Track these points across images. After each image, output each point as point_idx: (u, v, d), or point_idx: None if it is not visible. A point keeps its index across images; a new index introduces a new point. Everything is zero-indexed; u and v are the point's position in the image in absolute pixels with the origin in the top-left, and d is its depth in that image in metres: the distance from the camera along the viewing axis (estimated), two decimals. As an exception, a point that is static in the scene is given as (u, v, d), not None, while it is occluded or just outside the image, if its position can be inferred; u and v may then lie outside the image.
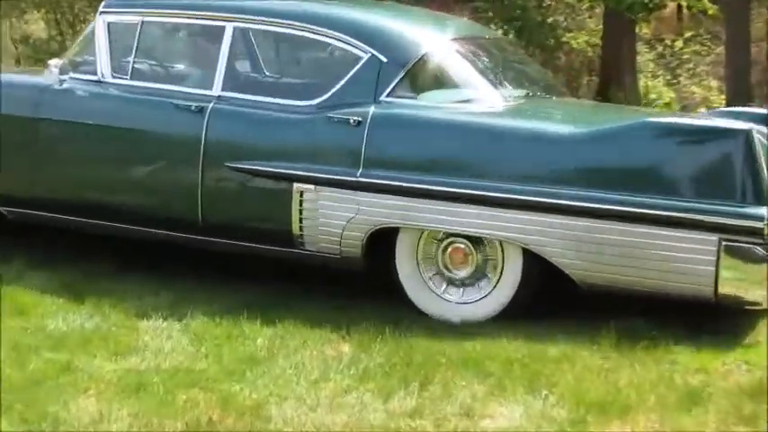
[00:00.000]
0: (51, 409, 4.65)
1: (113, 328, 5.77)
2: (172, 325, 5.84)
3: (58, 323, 5.78)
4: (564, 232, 5.67)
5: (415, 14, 7.91)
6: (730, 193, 5.37)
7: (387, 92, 6.20)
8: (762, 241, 5.25)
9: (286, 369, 5.22)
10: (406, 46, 6.45)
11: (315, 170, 6.17)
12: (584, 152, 5.79)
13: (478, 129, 6.20)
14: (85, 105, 6.94)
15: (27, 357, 5.25)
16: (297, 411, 4.73)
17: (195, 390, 4.94)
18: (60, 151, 7.00)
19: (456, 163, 6.00)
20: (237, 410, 4.72)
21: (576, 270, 5.73)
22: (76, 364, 5.21)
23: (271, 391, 4.94)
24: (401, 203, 5.98)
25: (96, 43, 6.97)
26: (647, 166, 5.69)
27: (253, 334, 5.71)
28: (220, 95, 6.56)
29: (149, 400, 4.79)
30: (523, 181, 5.78)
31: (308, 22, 6.62)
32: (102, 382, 4.99)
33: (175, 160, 6.62)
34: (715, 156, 5.53)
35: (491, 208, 5.80)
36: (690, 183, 5.54)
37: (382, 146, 6.11)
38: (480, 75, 6.73)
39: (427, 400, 4.92)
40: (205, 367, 5.26)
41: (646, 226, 5.49)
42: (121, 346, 5.49)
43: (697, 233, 5.36)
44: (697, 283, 5.42)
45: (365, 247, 6.11)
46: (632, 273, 5.59)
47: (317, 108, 6.29)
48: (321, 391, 4.98)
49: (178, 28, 7.53)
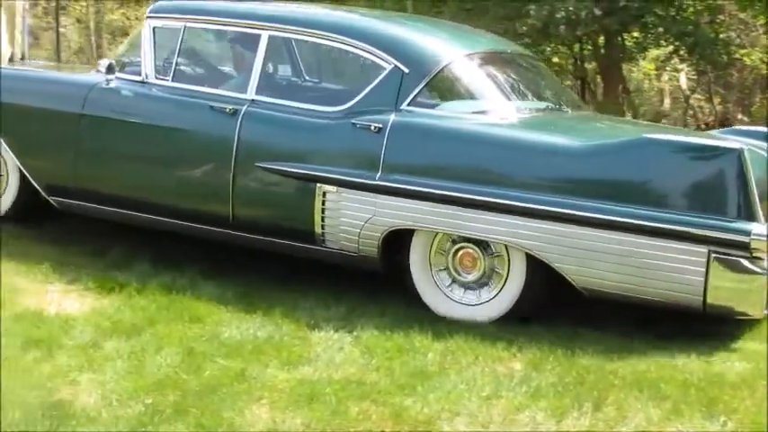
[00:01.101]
0: (226, 415, 4.80)
1: (285, 338, 5.89)
2: (343, 337, 5.93)
3: (232, 331, 5.93)
4: (565, 240, 5.92)
5: (441, 29, 8.18)
6: (721, 208, 5.63)
7: (407, 101, 6.51)
8: (749, 255, 5.51)
9: (457, 384, 5.28)
10: (427, 58, 6.73)
11: (337, 172, 6.48)
12: (587, 164, 6.07)
13: (490, 139, 6.45)
14: (129, 104, 7.36)
15: (202, 364, 5.41)
16: (469, 428, 4.80)
17: (367, 402, 5.03)
18: (104, 146, 7.40)
19: (468, 170, 6.26)
20: (410, 425, 4.79)
21: (575, 276, 5.98)
22: (250, 372, 5.34)
23: (442, 407, 5.00)
24: (416, 207, 6.27)
25: (142, 46, 7.41)
26: (645, 179, 5.93)
27: (423, 348, 5.76)
28: (254, 99, 6.93)
29: (322, 411, 4.89)
30: (529, 189, 6.04)
31: (337, 33, 6.96)
32: (275, 391, 5.12)
33: (209, 159, 6.97)
34: (708, 172, 5.80)
35: (498, 214, 6.06)
36: (684, 197, 5.82)
37: (400, 152, 6.40)
38: (496, 87, 7.06)
39: (601, 421, 4.93)
40: (376, 380, 5.34)
41: (641, 236, 5.74)
42: (294, 356, 5.60)
43: (688, 245, 5.62)
44: (687, 292, 5.69)
45: (381, 248, 6.41)
46: (628, 280, 5.85)
47: (343, 114, 6.61)
48: (493, 408, 5.02)
49: (218, 34, 7.92)
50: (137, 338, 5.73)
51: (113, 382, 5.13)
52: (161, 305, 6.28)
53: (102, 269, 6.99)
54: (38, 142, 7.64)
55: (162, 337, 5.75)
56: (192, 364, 5.40)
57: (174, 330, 5.87)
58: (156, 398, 4.94)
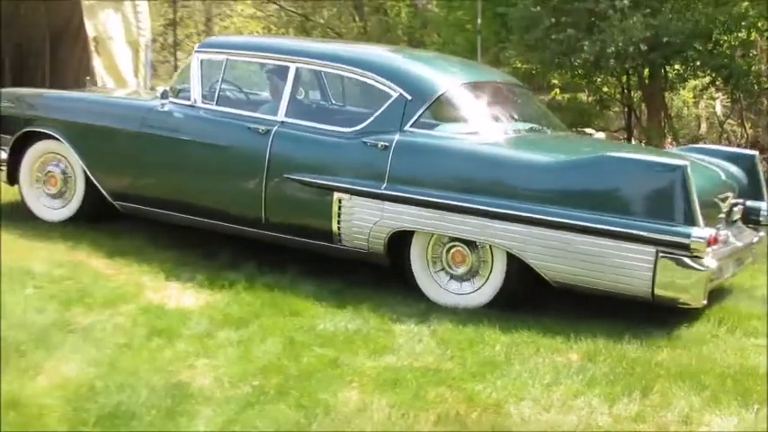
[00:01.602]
0: (322, 397, 4.84)
1: (372, 330, 5.92)
2: (422, 330, 5.95)
3: (326, 324, 5.97)
4: (539, 240, 6.20)
5: (441, 62, 8.43)
6: (667, 215, 5.89)
7: (410, 123, 6.77)
8: (690, 254, 5.80)
9: (522, 373, 5.29)
10: (427, 87, 6.99)
11: (351, 183, 6.78)
12: (558, 177, 6.31)
13: (479, 155, 6.68)
14: (180, 124, 7.62)
15: (301, 352, 5.47)
16: (532, 411, 4.80)
17: (443, 387, 5.05)
18: (159, 160, 7.67)
19: (459, 182, 6.50)
20: (481, 407, 4.80)
21: (547, 271, 6.25)
22: (342, 359, 5.39)
23: (509, 392, 5.01)
24: (415, 212, 6.56)
25: (191, 75, 7.69)
26: (605, 190, 6.18)
27: (492, 341, 5.77)
28: (283, 121, 7.18)
29: (404, 394, 4.92)
30: (509, 198, 6.31)
31: (352, 65, 7.28)
32: (363, 377, 5.15)
33: (246, 170, 7.20)
34: (657, 185, 6.05)
35: (483, 219, 6.33)
36: (637, 205, 6.04)
37: (403, 166, 6.66)
38: (486, 111, 7.34)
39: (648, 407, 4.91)
40: (451, 368, 5.36)
41: (601, 238, 6.01)
42: (379, 346, 5.64)
43: (640, 245, 5.90)
44: (639, 284, 5.97)
45: (387, 246, 6.70)
46: (590, 274, 6.13)
47: (356, 134, 6.89)
48: (553, 393, 5.02)
49: (254, 66, 8.20)
50: (244, 329, 5.80)
51: (225, 366, 5.20)
52: (265, 301, 6.33)
53: (214, 269, 7.05)
54: (105, 155, 7.92)
55: (266, 329, 5.80)
56: (292, 352, 5.45)
57: (276, 323, 5.93)
58: (262, 381, 5.00)
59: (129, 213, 7.95)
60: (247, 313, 6.09)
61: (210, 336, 5.68)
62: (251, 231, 7.25)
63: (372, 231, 6.70)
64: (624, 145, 10.89)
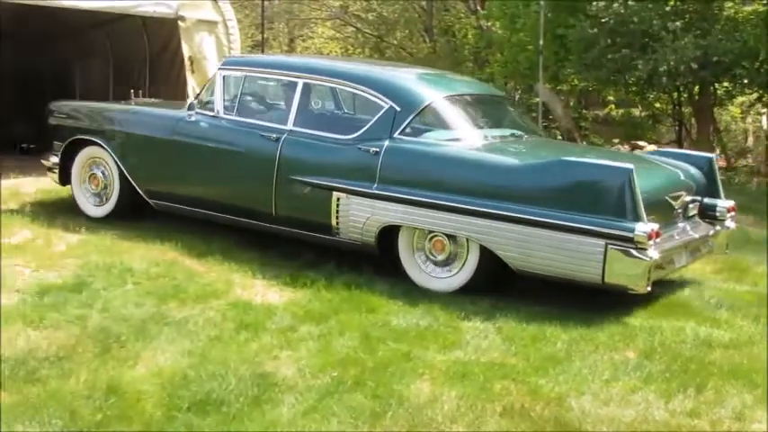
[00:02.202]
0: (396, 388, 4.79)
1: (442, 327, 5.84)
2: (488, 327, 5.87)
3: (400, 320, 5.91)
4: (506, 234, 6.43)
5: (431, 76, 8.61)
6: (615, 212, 6.10)
7: (398, 131, 7.03)
8: (635, 246, 5.98)
9: (582, 369, 5.18)
10: (413, 99, 7.25)
11: (347, 183, 7.06)
12: (521, 178, 6.56)
13: (457, 159, 6.93)
14: (205, 132, 7.95)
15: (376, 346, 5.41)
16: (592, 405, 4.70)
17: (508, 381, 4.97)
18: (187, 163, 8.04)
19: (440, 182, 6.74)
20: (544, 400, 4.72)
21: (513, 261, 6.46)
22: (414, 353, 5.32)
23: (570, 386, 4.91)
24: (402, 209, 6.83)
25: (215, 89, 8.04)
26: (561, 189, 6.34)
27: (553, 338, 5.67)
28: (291, 129, 7.49)
29: (472, 387, 4.85)
30: (482, 197, 6.52)
31: (350, 80, 7.64)
32: (434, 370, 5.09)
33: (259, 173, 7.48)
34: (607, 185, 6.22)
35: (460, 215, 6.57)
36: (589, 203, 6.21)
37: (391, 169, 6.92)
38: (467, 120, 7.59)
39: (703, 403, 4.79)
40: (515, 363, 5.27)
41: (559, 232, 6.22)
42: (448, 342, 5.56)
43: (592, 238, 6.10)
44: (591, 273, 6.15)
45: (378, 238, 6.96)
46: (550, 264, 6.32)
47: (352, 141, 7.17)
48: (612, 389, 4.91)
49: (268, 81, 8.58)
50: (324, 324, 5.76)
51: (306, 358, 5.17)
52: (343, 298, 6.30)
53: (296, 269, 7.04)
54: (141, 160, 8.31)
55: (344, 324, 5.77)
56: (368, 345, 5.41)
57: (353, 318, 5.88)
58: (340, 372, 4.96)
59: (162, 210, 8.31)
60: (327, 309, 6.06)
61: (293, 330, 5.66)
62: (264, 226, 7.60)
63: (365, 226, 6.98)
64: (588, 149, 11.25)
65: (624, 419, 4.54)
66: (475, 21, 21.40)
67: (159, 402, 4.49)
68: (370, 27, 24.80)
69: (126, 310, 5.81)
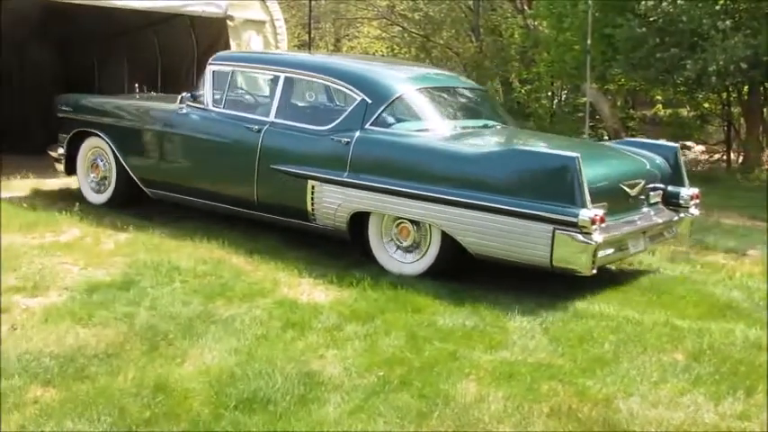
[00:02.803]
0: (442, 388, 4.78)
1: (488, 327, 5.81)
2: (534, 327, 5.83)
3: (446, 320, 5.88)
4: (464, 219, 6.66)
5: (405, 70, 8.97)
6: (562, 198, 6.30)
7: (369, 122, 7.34)
8: (579, 230, 6.19)
9: (630, 370, 5.13)
10: (384, 92, 7.54)
11: (321, 172, 7.38)
12: (477, 166, 6.79)
13: (421, 148, 7.23)
14: (195, 124, 8.40)
15: (422, 346, 5.39)
16: (641, 407, 4.65)
17: (555, 381, 4.93)
18: (178, 153, 8.60)
19: (406, 171, 7.01)
20: (591, 401, 4.68)
21: (470, 245, 6.71)
22: (460, 353, 5.30)
23: (618, 388, 4.87)
24: (370, 196, 7.13)
25: (205, 83, 8.45)
26: (514, 177, 6.57)
27: (600, 339, 5.62)
28: (273, 121, 7.86)
29: (518, 387, 4.82)
30: (443, 184, 6.77)
31: (327, 74, 8.02)
32: (480, 370, 5.06)
33: (243, 162, 7.86)
34: (555, 173, 6.42)
35: (423, 202, 6.84)
36: (538, 190, 6.42)
37: (361, 158, 7.23)
38: (436, 112, 7.89)
39: (753, 406, 4.73)
40: (562, 364, 5.23)
41: (511, 217, 6.44)
42: (495, 342, 5.53)
43: (540, 224, 6.32)
44: (540, 256, 6.36)
45: (349, 224, 7.28)
46: (503, 249, 6.55)
47: (327, 132, 7.50)
48: (660, 391, 4.86)
49: (253, 76, 8.78)
50: (370, 323, 5.75)
51: (352, 357, 5.17)
52: (389, 298, 6.28)
53: (342, 268, 7.04)
54: (137, 150, 8.82)
55: (390, 323, 5.75)
56: (414, 345, 5.39)
57: (399, 318, 5.87)
58: (386, 371, 4.96)
59: (156, 198, 8.79)
60: (373, 309, 6.05)
61: (339, 329, 5.65)
62: (247, 212, 7.99)
63: (337, 212, 7.30)
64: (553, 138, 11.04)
65: (673, 422, 4.49)
66: (521, 20, 21.28)
67: (206, 400, 4.51)
68: (416, 27, 24.74)
69: (173, 309, 5.84)
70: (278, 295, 6.31)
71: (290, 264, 7.04)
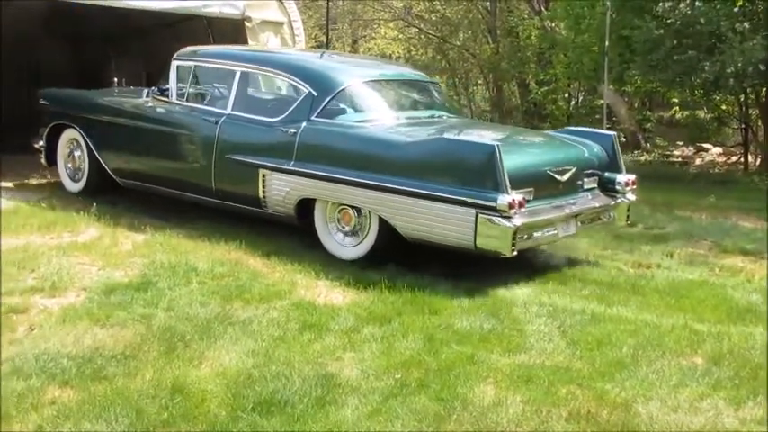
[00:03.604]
0: (460, 391, 4.76)
1: (506, 330, 5.78)
2: (552, 330, 5.80)
3: (463, 322, 5.85)
4: (397, 205, 7.02)
5: (354, 64, 9.66)
6: (483, 184, 6.64)
7: (315, 114, 7.74)
8: (499, 214, 6.51)
9: (649, 374, 5.09)
10: (329, 85, 7.93)
11: (270, 161, 7.78)
12: (409, 154, 7.13)
13: (361, 138, 7.59)
14: (159, 116, 8.87)
15: (440, 348, 5.37)
16: (660, 411, 4.61)
17: (573, 385, 4.91)
18: (144, 144, 8.95)
19: (346, 159, 7.39)
20: (610, 405, 4.65)
21: (403, 230, 7.05)
22: (478, 356, 5.27)
23: (637, 392, 4.83)
24: (314, 183, 7.53)
25: (170, 78, 8.91)
26: (441, 164, 6.91)
27: (619, 342, 5.58)
28: (229, 113, 8.28)
29: (536, 391, 4.80)
30: (379, 172, 7.12)
31: (278, 68, 8.46)
32: (498, 373, 5.04)
33: (202, 152, 8.34)
34: (477, 160, 6.75)
35: (361, 189, 7.20)
36: (463, 176, 6.76)
37: (306, 148, 7.62)
38: (380, 103, 8.30)
39: (774, 411, 4.62)
40: (581, 367, 5.19)
41: (437, 203, 6.78)
42: (512, 345, 5.51)
43: (464, 208, 6.64)
44: (465, 239, 6.67)
45: (296, 209, 7.67)
46: (432, 232, 6.88)
47: (277, 123, 7.89)
48: (680, 395, 4.82)
49: (212, 70, 8.99)
50: (387, 326, 5.73)
51: (370, 360, 5.15)
52: (406, 300, 6.25)
53: (358, 269, 7.02)
54: (106, 141, 9.32)
55: (407, 326, 5.73)
56: (432, 348, 5.37)
57: (416, 320, 5.85)
58: (404, 374, 4.94)
59: (127, 187, 9.27)
60: (390, 311, 6.02)
61: (356, 331, 5.63)
62: (206, 200, 8.40)
63: (285, 199, 7.68)
64: (492, 127, 12.29)
65: (693, 426, 4.46)
66: (539, 22, 21.20)
67: (224, 402, 4.50)
68: (433, 28, 24.69)
69: (191, 310, 5.84)
70: (295, 297, 6.30)
71: (307, 265, 7.02)
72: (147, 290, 6.20)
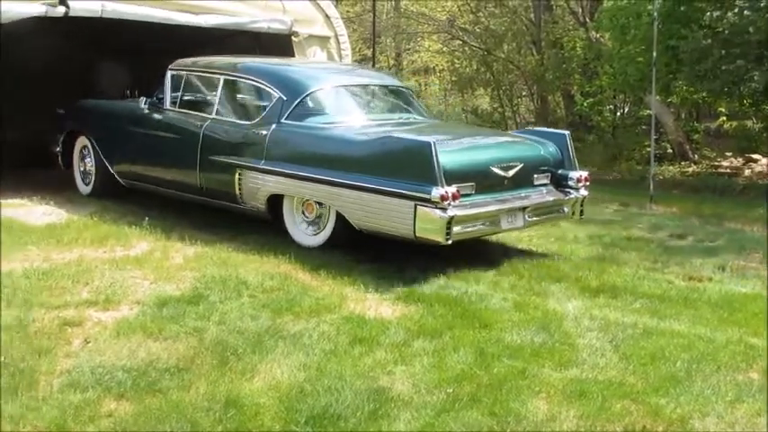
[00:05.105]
0: (513, 406, 4.72)
1: (557, 344, 5.74)
2: (604, 345, 5.74)
3: (514, 336, 5.82)
4: (348, 199, 7.63)
5: (328, 70, 10.10)
6: (420, 177, 7.13)
7: (284, 117, 8.37)
8: (433, 205, 7.00)
9: (704, 389, 5.03)
10: (297, 89, 8.56)
11: (244, 161, 8.48)
12: (360, 152, 7.75)
13: (323, 139, 8.20)
14: (155, 122, 9.61)
15: (491, 363, 5.34)
16: (717, 427, 4.56)
17: (627, 400, 4.85)
18: (142, 146, 9.73)
19: (309, 158, 8.05)
20: (666, 421, 4.60)
21: (355, 221, 7.65)
22: (530, 370, 5.24)
23: (693, 408, 4.77)
24: (282, 180, 8.17)
25: (165, 86, 9.61)
26: (387, 160, 7.44)
27: (673, 357, 5.52)
28: (213, 118, 9.03)
29: (590, 406, 4.75)
30: (336, 168, 7.73)
31: (254, 75, 9.01)
32: (550, 388, 5.00)
33: (189, 154, 8.97)
34: (416, 156, 7.25)
35: (320, 184, 7.84)
36: (405, 171, 7.27)
37: (275, 148, 8.26)
38: (349, 107, 8.94)
39: (832, 427, 4.53)
40: (634, 382, 5.14)
41: (385, 196, 7.32)
42: (564, 359, 5.46)
43: (404, 201, 7.18)
44: (406, 229, 7.19)
45: (268, 204, 8.33)
46: (380, 224, 7.46)
47: (251, 126, 8.62)
48: (737, 411, 4.77)
49: (200, 79, 9.66)
50: (438, 339, 5.72)
51: (421, 374, 5.14)
52: (456, 313, 6.24)
53: (408, 283, 7.01)
54: (110, 145, 10.15)
55: (458, 340, 5.71)
56: (483, 362, 5.34)
57: (467, 334, 5.82)
58: (456, 388, 4.92)
59: (130, 187, 10.04)
60: (440, 324, 6.01)
61: (407, 345, 5.62)
62: (195, 198, 9.14)
63: (257, 195, 8.35)
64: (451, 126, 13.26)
65: (755, 444, 4.39)
66: (584, 33, 21.12)
67: (277, 416, 4.51)
68: (477, 40, 24.69)
69: (242, 323, 5.87)
70: (345, 311, 6.30)
71: (356, 279, 7.03)
72: (198, 303, 6.23)
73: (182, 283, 6.74)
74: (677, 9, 14.66)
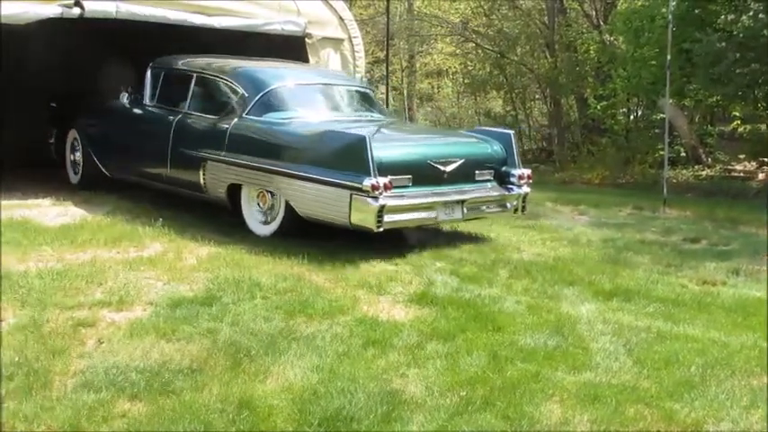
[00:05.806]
0: (526, 409, 4.70)
1: (570, 347, 5.72)
2: (618, 349, 5.72)
3: (527, 340, 5.81)
4: (294, 189, 8.21)
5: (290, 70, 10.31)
6: (355, 169, 7.70)
7: (245, 112, 9.01)
8: (366, 194, 7.59)
9: (718, 394, 5.00)
10: (257, 86, 9.15)
11: (208, 152, 9.06)
12: (307, 145, 8.31)
13: (276, 133, 8.75)
14: (135, 117, 10.42)
15: (504, 366, 5.32)
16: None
17: (641, 405, 4.83)
18: (123, 139, 10.49)
19: (263, 150, 8.61)
20: (680, 426, 4.58)
21: (300, 210, 8.22)
22: (543, 374, 5.22)
23: (707, 412, 4.75)
24: (240, 171, 8.75)
25: (146, 82, 10.32)
26: (327, 153, 8.02)
27: (687, 361, 5.49)
28: (185, 112, 9.70)
29: (604, 410, 4.73)
30: (284, 160, 8.33)
31: (221, 73, 9.64)
32: (564, 391, 4.98)
33: (162, 146, 9.62)
34: (353, 149, 7.80)
35: (269, 174, 8.42)
36: (343, 162, 7.84)
37: (234, 141, 8.85)
38: (308, 104, 9.44)
39: None
40: (648, 386, 5.11)
41: (324, 186, 7.92)
42: (578, 363, 5.44)
43: (341, 190, 7.75)
44: (343, 217, 7.79)
45: (227, 193, 8.91)
46: (321, 212, 8.06)
47: (216, 120, 9.21)
48: (752, 416, 4.74)
49: (176, 76, 10.21)
50: (451, 342, 5.70)
51: (434, 376, 5.13)
52: (469, 316, 6.23)
53: (421, 285, 7.00)
54: (95, 138, 10.98)
55: (471, 342, 5.69)
56: (496, 365, 5.32)
57: (480, 337, 5.81)
58: (469, 391, 4.91)
59: (115, 178, 10.68)
60: (453, 327, 5.99)
61: (420, 347, 5.61)
62: (166, 187, 9.77)
63: (218, 184, 8.94)
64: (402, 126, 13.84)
65: (766, 449, 4.36)
66: (597, 36, 21.08)
67: (290, 418, 4.51)
68: (490, 43, 24.68)
69: (255, 325, 5.86)
70: (358, 313, 6.30)
71: (369, 281, 7.03)
72: (211, 304, 6.24)
73: (195, 285, 6.74)
74: (691, 12, 14.64)
